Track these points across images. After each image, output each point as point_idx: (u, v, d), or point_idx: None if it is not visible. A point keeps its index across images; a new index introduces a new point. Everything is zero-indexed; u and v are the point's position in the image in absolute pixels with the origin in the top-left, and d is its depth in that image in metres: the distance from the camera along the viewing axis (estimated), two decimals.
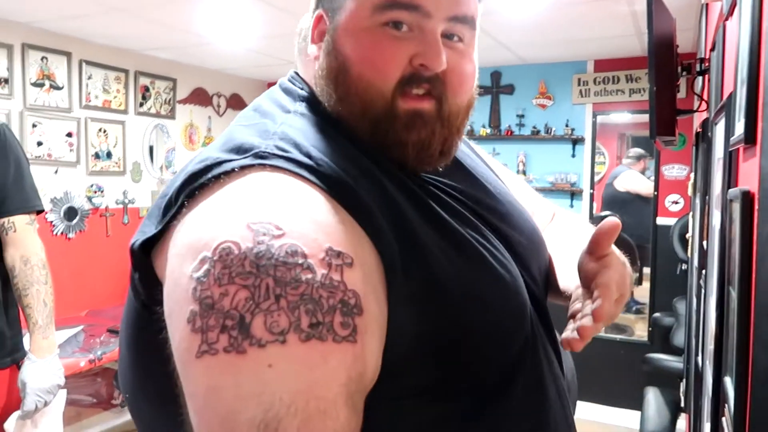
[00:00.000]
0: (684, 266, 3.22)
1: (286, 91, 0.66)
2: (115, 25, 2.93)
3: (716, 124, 1.17)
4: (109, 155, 3.39)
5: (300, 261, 0.45)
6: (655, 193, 3.60)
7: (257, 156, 0.53)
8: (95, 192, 3.32)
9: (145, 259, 0.54)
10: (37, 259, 1.53)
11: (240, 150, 0.54)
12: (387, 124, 0.59)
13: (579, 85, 3.64)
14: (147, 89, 3.60)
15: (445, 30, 0.60)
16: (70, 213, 3.19)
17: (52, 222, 3.12)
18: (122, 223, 3.49)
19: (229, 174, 0.51)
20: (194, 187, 0.52)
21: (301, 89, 0.66)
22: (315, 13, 0.66)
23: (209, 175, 0.52)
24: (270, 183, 0.51)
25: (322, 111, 0.62)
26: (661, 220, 3.59)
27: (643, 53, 3.41)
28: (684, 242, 3.03)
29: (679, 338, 3.11)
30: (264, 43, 3.23)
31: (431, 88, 0.60)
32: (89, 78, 3.27)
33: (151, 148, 3.64)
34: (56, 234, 3.15)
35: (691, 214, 2.64)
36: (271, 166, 0.52)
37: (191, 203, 0.51)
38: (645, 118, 4.51)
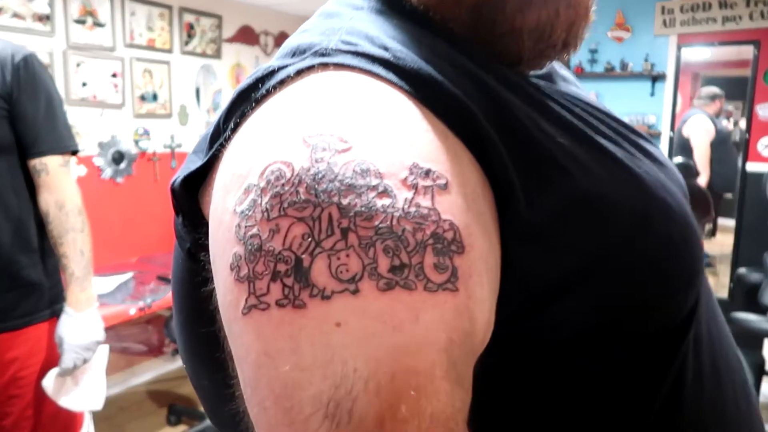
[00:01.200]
0: None
1: None
2: None
3: None
4: (155, 97, 3.26)
5: (374, 182, 0.34)
6: (747, 135, 3.21)
7: (317, 54, 0.40)
8: (142, 135, 3.22)
9: (190, 198, 0.44)
10: (73, 204, 1.39)
11: (297, 52, 0.42)
12: (492, 8, 0.44)
13: (663, 13, 3.23)
14: (192, 27, 3.42)
15: None
16: (118, 157, 3.10)
17: (99, 166, 3.04)
18: (170, 167, 3.39)
19: (283, 82, 0.40)
20: (244, 107, 0.41)
21: None
22: None
23: (261, 90, 0.40)
24: (332, 84, 0.38)
25: (403, 5, 0.48)
26: (752, 166, 3.22)
27: None
28: None
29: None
30: None
31: None
32: (132, 15, 3.11)
33: (197, 90, 3.50)
34: (104, 178, 3.07)
35: None
36: (335, 64, 0.39)
37: (240, 125, 0.41)
38: (735, 52, 4.09)
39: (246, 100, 0.41)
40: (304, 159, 0.34)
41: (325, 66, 0.39)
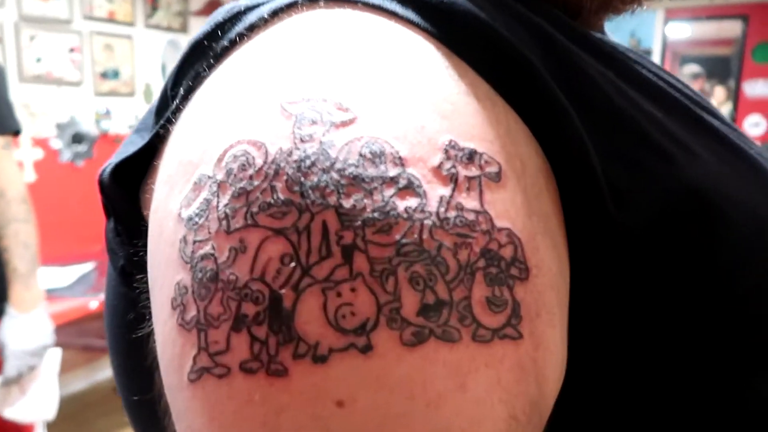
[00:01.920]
0: None
1: None
2: None
3: None
4: (116, 74, 3.05)
5: (392, 172, 0.22)
6: (734, 114, 3.15)
7: None
8: (103, 115, 3.01)
9: (126, 196, 0.33)
10: (15, 191, 1.23)
11: None
12: None
13: None
14: (155, 0, 3.21)
15: None
16: (77, 139, 2.90)
17: (57, 149, 2.84)
18: None
19: (253, 29, 0.28)
20: (199, 65, 0.29)
21: None
22: None
23: (223, 41, 0.28)
24: (324, 29, 0.26)
25: None
26: None
27: None
28: None
29: None
30: None
31: None
32: None
33: (163, 67, 3.29)
34: (62, 162, 2.88)
35: None
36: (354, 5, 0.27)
37: (193, 92, 0.29)
38: (715, 30, 4.02)
39: (202, 56, 0.29)
40: (283, 137, 0.23)
41: (312, 3, 0.27)
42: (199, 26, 2.67)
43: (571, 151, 0.26)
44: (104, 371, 2.84)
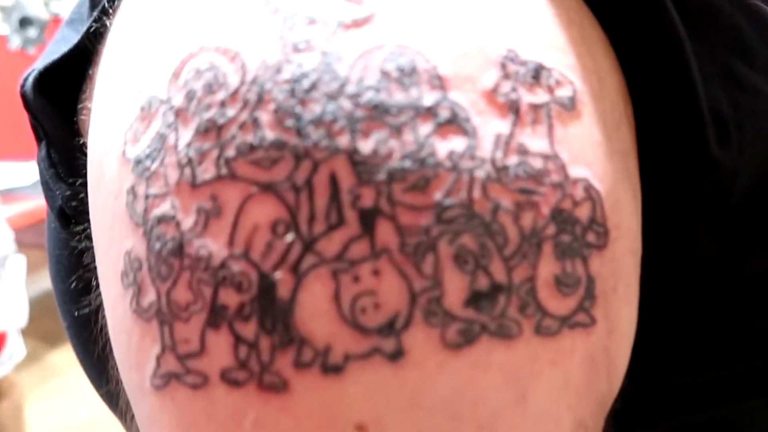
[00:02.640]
0: None
1: None
2: None
3: None
4: None
5: (428, 98, 0.15)
6: None
7: None
8: None
9: (58, 113, 0.25)
10: None
11: None
12: None
13: None
14: None
15: None
16: (25, 23, 2.66)
17: (4, 35, 2.62)
18: None
19: None
20: None
21: None
22: None
23: None
24: None
25: None
26: None
27: None
28: None
29: None
30: None
31: None
32: None
33: None
34: (12, 49, 2.66)
35: None
36: None
37: None
38: None
39: None
40: (266, 43, 0.16)
41: None
42: None
43: (664, 62, 0.19)
44: None
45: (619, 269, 0.18)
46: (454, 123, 0.16)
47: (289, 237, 0.15)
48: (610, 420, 0.20)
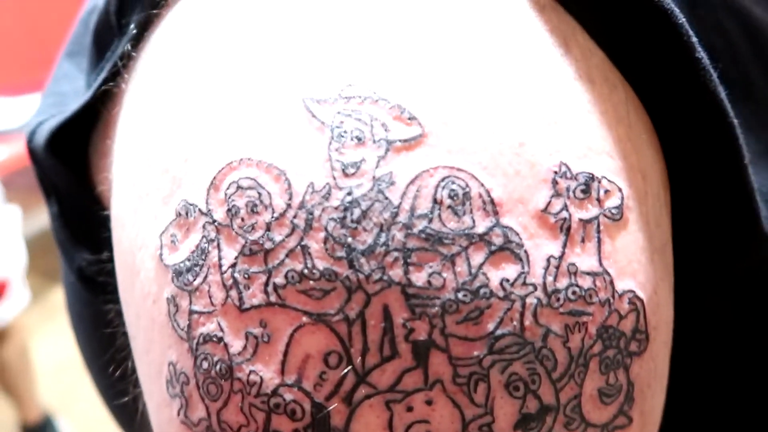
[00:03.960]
0: None
1: None
2: None
3: None
4: None
5: (481, 225, 0.16)
6: None
7: None
8: None
9: (67, 170, 0.24)
10: None
11: None
12: None
13: None
14: None
15: None
16: None
17: None
18: None
19: None
20: None
21: None
22: None
23: None
24: None
25: None
26: None
27: None
28: None
29: None
30: None
31: None
32: None
33: None
34: None
35: None
36: None
37: (155, 26, 0.20)
38: None
39: None
40: (313, 164, 0.16)
41: None
42: None
43: (714, 144, 0.19)
44: None
45: (656, 367, 0.19)
46: (507, 249, 0.16)
47: (343, 369, 0.15)
48: None
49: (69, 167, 0.24)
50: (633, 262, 0.17)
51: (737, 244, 0.20)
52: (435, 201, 0.15)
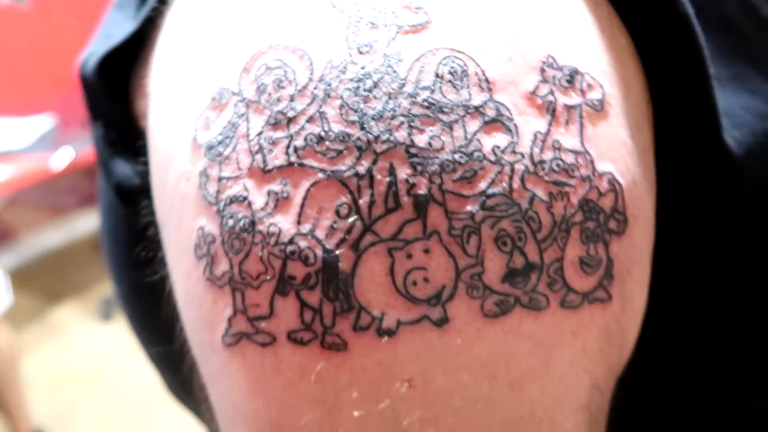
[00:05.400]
0: None
1: None
2: None
3: None
4: None
5: (477, 99, 0.18)
6: None
7: None
8: None
9: (114, 92, 0.27)
10: None
11: None
12: None
13: None
14: None
15: None
16: None
17: None
18: None
19: None
20: None
21: None
22: None
23: None
24: None
25: None
26: None
27: None
28: None
29: None
30: None
31: None
32: None
33: None
34: (4, 4, 2.58)
35: None
36: None
37: None
38: None
39: None
40: (333, 45, 0.19)
41: None
42: None
43: (684, 67, 0.21)
44: (77, 224, 2.82)
45: (635, 253, 0.21)
46: (498, 121, 0.18)
47: (351, 219, 0.18)
48: (618, 384, 0.22)
49: (114, 90, 0.27)
50: (613, 150, 0.20)
51: (704, 160, 0.22)
52: (437, 75, 0.18)
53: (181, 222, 0.21)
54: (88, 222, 2.86)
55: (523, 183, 0.18)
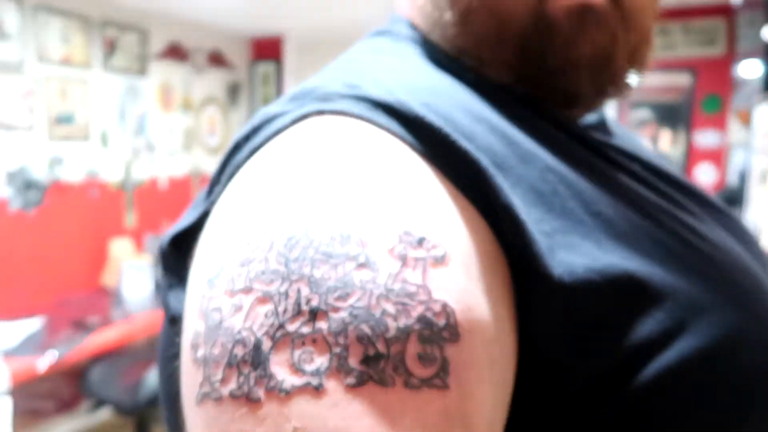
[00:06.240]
0: None
1: (381, 33, 0.47)
2: None
3: None
4: (70, 119, 2.95)
5: (354, 251, 0.28)
6: (685, 162, 3.27)
7: (316, 98, 0.35)
8: (56, 162, 2.89)
9: (181, 258, 0.38)
10: None
11: (298, 96, 0.37)
12: (540, 41, 0.39)
13: None
14: (113, 42, 3.14)
15: None
16: (27, 186, 2.76)
17: (5, 197, 2.70)
18: (89, 196, 3.07)
19: (279, 132, 0.35)
20: (239, 157, 0.36)
21: (403, 27, 0.46)
22: None
23: (257, 140, 0.35)
24: (325, 135, 0.33)
25: (432, 49, 0.43)
26: None
27: (678, 2, 3.06)
28: None
29: None
30: None
31: None
32: (45, 26, 2.81)
33: (121, 111, 3.20)
34: (11, 210, 2.73)
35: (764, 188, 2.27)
36: (332, 111, 0.34)
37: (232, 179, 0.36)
38: (664, 79, 4.21)
39: (238, 151, 0.36)
40: (279, 223, 0.30)
41: (321, 113, 0.34)
42: (159, 69, 2.69)
43: (514, 237, 0.31)
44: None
45: (472, 358, 0.28)
46: (366, 265, 0.27)
47: (272, 319, 0.27)
48: None
49: (182, 254, 0.37)
50: (450, 286, 0.28)
51: (536, 288, 0.31)
52: (332, 238, 0.28)
53: (188, 327, 0.31)
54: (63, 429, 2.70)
55: (378, 302, 0.27)
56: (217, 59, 3.84)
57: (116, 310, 2.75)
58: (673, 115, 3.60)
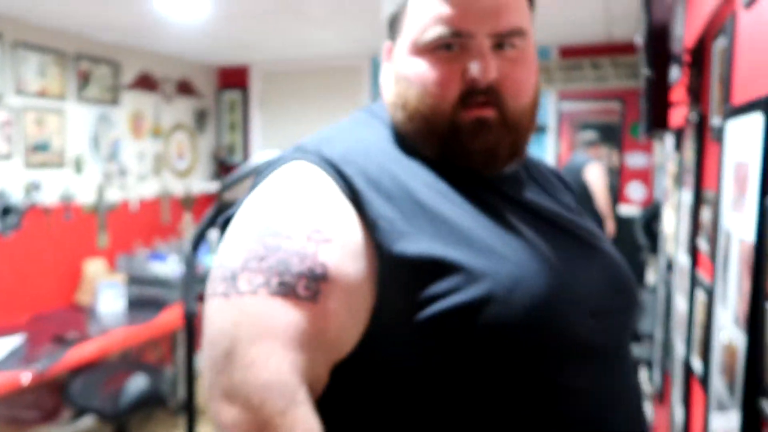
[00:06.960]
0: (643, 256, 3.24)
1: (367, 109, 0.76)
2: (52, 2, 2.66)
3: (728, 123, 1.09)
4: (46, 147, 3.12)
5: (286, 235, 0.58)
6: (618, 182, 3.60)
7: (300, 151, 0.66)
8: (33, 187, 3.05)
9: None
10: None
11: (298, 149, 0.67)
12: (452, 136, 0.65)
13: (542, 72, 3.58)
14: (87, 75, 3.32)
15: (494, 42, 0.65)
16: (5, 211, 2.91)
17: None
18: (64, 219, 3.23)
19: (281, 167, 0.66)
20: (258, 180, 0.67)
21: (380, 110, 0.75)
22: (386, 45, 0.74)
23: (270, 169, 0.67)
24: (294, 173, 0.64)
25: (393, 129, 0.71)
26: (622, 209, 3.60)
27: (608, 39, 3.40)
28: (649, 232, 3.03)
29: (642, 326, 3.12)
30: (215, 24, 3.02)
31: (489, 98, 0.65)
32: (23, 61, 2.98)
33: (94, 138, 3.38)
34: None
35: (668, 205, 2.61)
36: (303, 159, 0.65)
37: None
38: (605, 105, 4.59)
39: (260, 175, 0.68)
40: (260, 223, 0.61)
41: (298, 160, 0.65)
42: (130, 99, 2.90)
43: (379, 234, 0.60)
44: None
45: (334, 292, 0.58)
46: (288, 238, 0.60)
47: (243, 262, 0.60)
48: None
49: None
50: (329, 255, 0.59)
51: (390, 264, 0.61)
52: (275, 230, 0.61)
53: (214, 263, 0.64)
54: None
55: (290, 257, 0.58)
56: (185, 88, 4.00)
57: (93, 326, 2.89)
58: (615, 134, 3.95)
